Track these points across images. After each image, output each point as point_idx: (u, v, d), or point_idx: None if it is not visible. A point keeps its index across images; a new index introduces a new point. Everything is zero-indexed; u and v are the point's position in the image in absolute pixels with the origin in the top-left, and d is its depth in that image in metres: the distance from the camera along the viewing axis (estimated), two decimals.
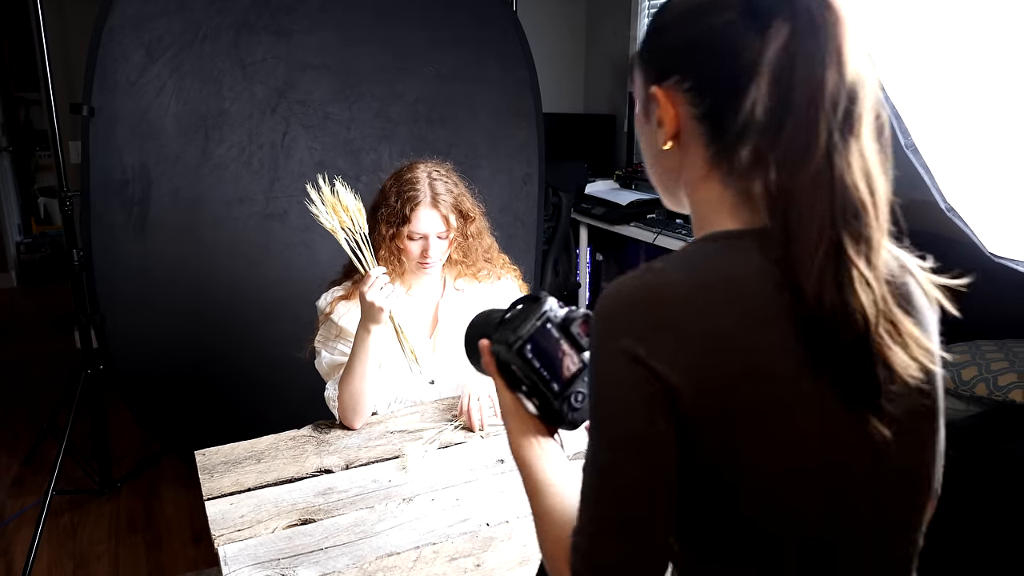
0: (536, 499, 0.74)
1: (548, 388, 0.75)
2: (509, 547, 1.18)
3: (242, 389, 2.46)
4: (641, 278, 0.62)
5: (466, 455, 1.47)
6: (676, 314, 0.60)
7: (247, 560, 1.14)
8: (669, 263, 0.63)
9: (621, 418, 0.60)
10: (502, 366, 0.77)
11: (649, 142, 0.72)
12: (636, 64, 0.72)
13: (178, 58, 2.25)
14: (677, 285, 0.61)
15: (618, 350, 0.60)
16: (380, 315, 1.47)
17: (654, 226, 3.54)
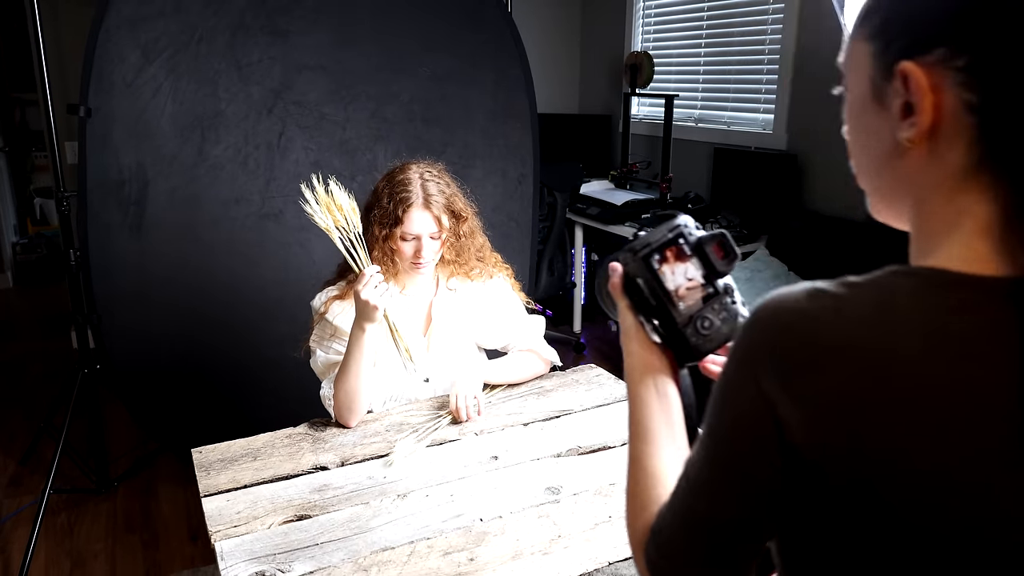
0: (637, 443, 0.70)
1: (673, 305, 0.70)
2: (502, 541, 1.20)
3: (239, 389, 2.47)
4: (812, 301, 0.51)
5: (460, 452, 1.48)
6: (838, 371, 0.49)
7: (243, 555, 1.15)
8: (857, 292, 0.51)
9: (730, 444, 0.55)
10: (628, 282, 0.72)
11: (876, 136, 0.56)
12: (860, 31, 0.57)
13: (174, 59, 2.27)
14: (858, 333, 0.49)
15: (751, 377, 0.53)
16: (375, 313, 1.49)
17: (648, 225, 3.56)
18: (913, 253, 0.57)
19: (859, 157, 0.60)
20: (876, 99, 0.55)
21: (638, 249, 0.71)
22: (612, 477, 1.39)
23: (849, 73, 0.59)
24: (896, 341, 0.48)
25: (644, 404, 0.70)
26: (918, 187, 0.55)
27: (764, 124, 3.51)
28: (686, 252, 0.70)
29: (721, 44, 3.72)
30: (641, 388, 0.71)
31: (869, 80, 0.55)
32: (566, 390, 1.77)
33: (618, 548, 1.19)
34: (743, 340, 0.54)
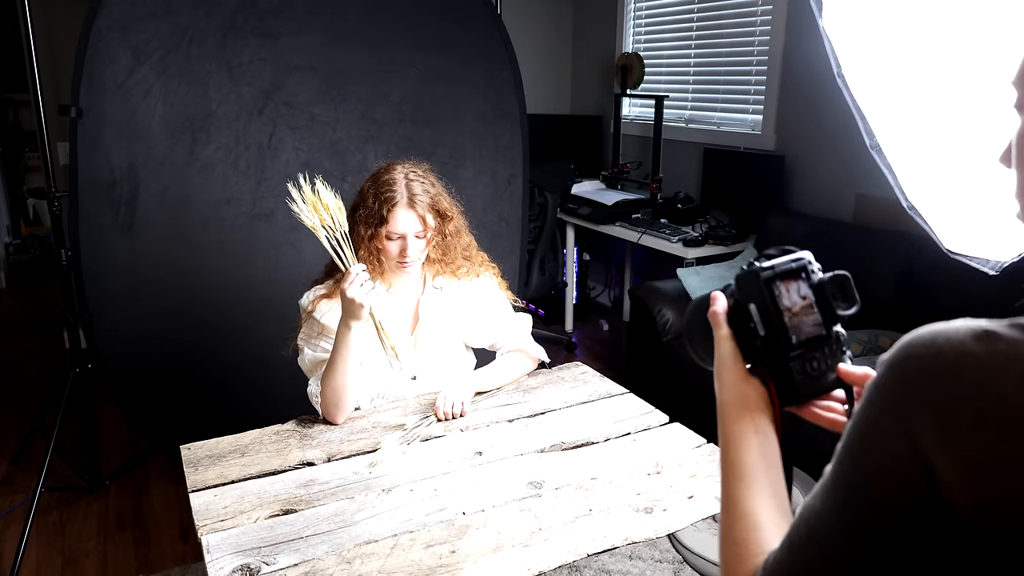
0: (734, 484, 0.64)
1: (787, 338, 0.65)
2: (484, 534, 1.22)
3: (229, 387, 2.49)
4: (983, 345, 0.45)
5: (446, 448, 1.50)
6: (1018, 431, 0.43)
7: (229, 549, 1.17)
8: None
9: (870, 501, 0.49)
10: (736, 308, 0.69)
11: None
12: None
13: (165, 60, 2.29)
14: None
15: (903, 429, 0.47)
16: (361, 311, 1.51)
17: (639, 226, 3.59)
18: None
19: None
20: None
21: (761, 271, 0.66)
22: (594, 472, 1.42)
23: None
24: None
25: (742, 441, 0.65)
26: None
27: (753, 125, 3.54)
28: (808, 288, 0.67)
29: (711, 46, 3.75)
30: (738, 424, 0.65)
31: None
32: (552, 387, 1.79)
33: (597, 540, 1.21)
34: (892, 382, 0.48)
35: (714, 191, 3.64)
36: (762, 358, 0.67)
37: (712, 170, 3.64)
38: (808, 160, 3.22)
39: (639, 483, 1.38)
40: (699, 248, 3.32)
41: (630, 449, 1.51)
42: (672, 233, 3.44)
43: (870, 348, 2.52)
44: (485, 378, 1.74)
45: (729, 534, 0.62)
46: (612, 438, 1.56)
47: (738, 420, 0.66)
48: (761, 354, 0.67)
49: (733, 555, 0.60)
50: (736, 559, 0.60)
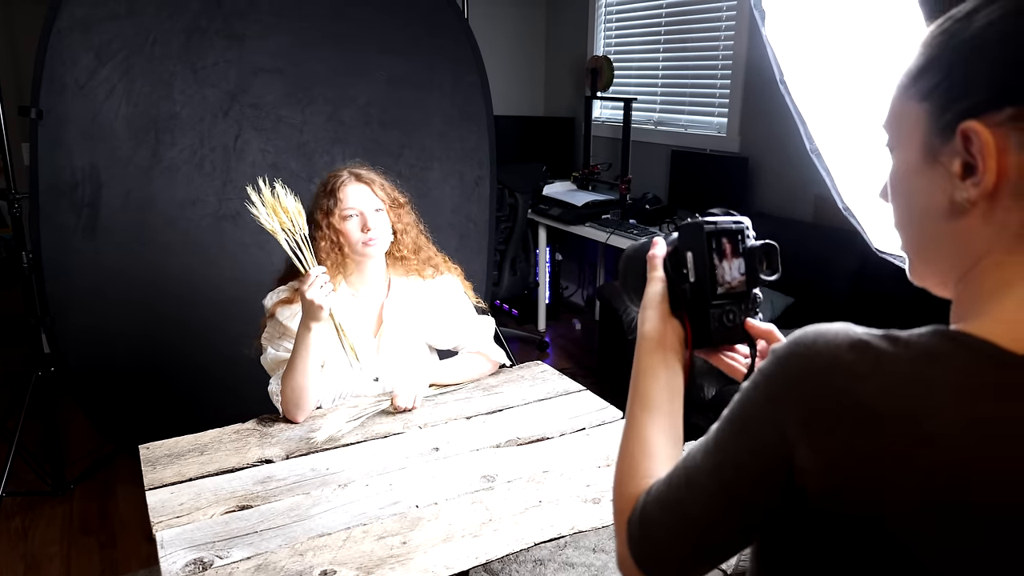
0: (636, 410, 0.70)
1: (712, 288, 0.72)
2: (435, 526, 1.25)
3: (197, 387, 2.49)
4: (854, 353, 0.51)
5: (403, 444, 1.53)
6: (868, 434, 0.49)
7: (183, 544, 1.19)
8: (900, 353, 0.50)
9: (737, 470, 0.56)
10: (673, 254, 0.75)
11: (926, 196, 0.56)
12: (910, 91, 0.56)
13: (128, 61, 2.29)
14: (895, 401, 0.49)
15: (776, 416, 0.53)
16: (320, 313, 1.53)
17: (608, 226, 3.64)
18: (956, 314, 0.56)
19: (905, 219, 0.59)
20: (929, 160, 0.54)
21: (703, 223, 0.72)
22: (547, 465, 1.45)
23: (897, 135, 0.58)
24: (934, 417, 0.48)
25: (650, 373, 0.71)
26: (970, 249, 0.54)
27: (719, 127, 3.61)
28: (739, 249, 0.73)
29: (678, 50, 3.80)
30: (651, 357, 0.72)
31: (922, 141, 0.55)
32: (511, 385, 1.82)
33: (544, 530, 1.24)
34: (775, 373, 0.54)
35: (681, 192, 3.70)
36: (686, 302, 0.73)
37: (679, 171, 3.70)
38: (770, 162, 3.29)
39: (589, 475, 1.42)
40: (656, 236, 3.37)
41: (583, 443, 1.55)
42: (640, 233, 3.49)
43: None
44: (441, 372, 1.77)
45: (626, 456, 0.69)
46: (567, 433, 1.59)
47: (652, 354, 0.72)
48: (686, 299, 0.73)
49: (626, 474, 0.68)
50: (628, 478, 0.67)
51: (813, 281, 2.70)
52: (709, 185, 3.51)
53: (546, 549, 2.30)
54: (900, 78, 0.57)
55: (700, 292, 0.73)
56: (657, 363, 0.72)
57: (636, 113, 4.00)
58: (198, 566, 1.13)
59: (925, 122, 0.55)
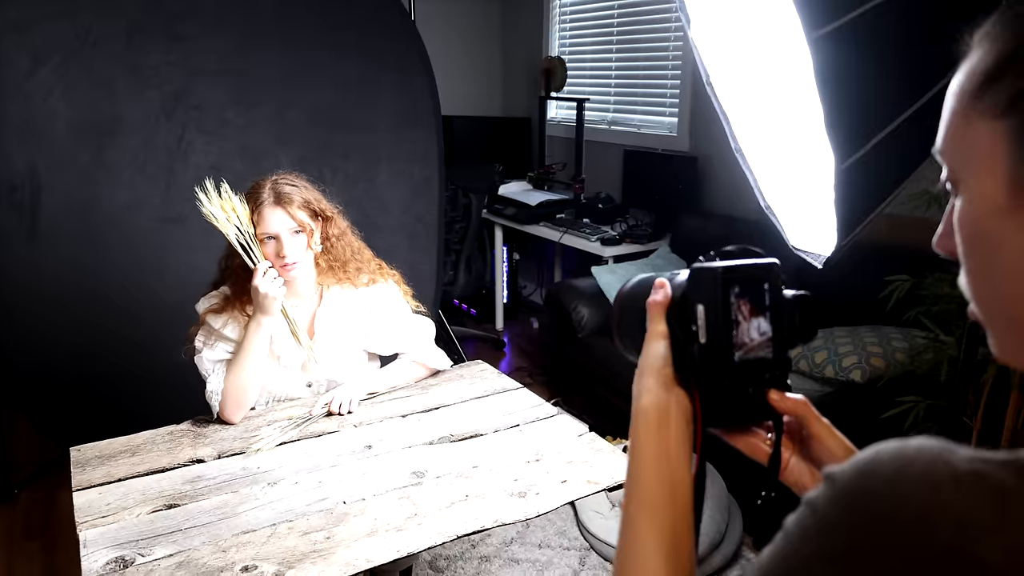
0: (632, 512, 0.56)
1: (729, 352, 0.57)
2: (361, 521, 1.27)
3: (141, 392, 2.48)
4: (961, 487, 0.35)
5: (336, 442, 1.55)
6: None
7: (106, 543, 1.20)
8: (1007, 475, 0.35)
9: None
10: (681, 304, 0.59)
11: (1019, 250, 0.41)
12: (977, 104, 0.41)
13: (67, 63, 2.28)
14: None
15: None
16: (272, 305, 1.56)
17: (561, 225, 3.69)
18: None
19: (986, 279, 0.44)
20: (1019, 198, 0.40)
21: (720, 270, 0.57)
22: (477, 461, 1.49)
23: (960, 165, 0.43)
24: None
25: (650, 464, 0.57)
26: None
27: (670, 127, 3.67)
28: (765, 302, 0.57)
29: (630, 51, 3.86)
30: (650, 442, 0.57)
31: (1006, 172, 0.40)
32: (449, 384, 1.86)
33: (468, 523, 1.28)
34: (836, 520, 0.37)
35: (634, 191, 3.76)
36: (695, 369, 0.58)
37: (632, 171, 3.76)
38: (718, 161, 3.36)
39: (518, 470, 1.45)
40: (616, 247, 3.43)
41: (515, 439, 1.58)
42: (592, 232, 3.54)
43: None
44: (377, 380, 1.79)
45: (624, 569, 0.55)
46: (501, 430, 1.63)
47: (652, 438, 0.57)
48: (695, 364, 0.58)
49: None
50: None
51: None
52: (661, 184, 3.57)
53: (492, 546, 2.34)
54: (958, 84, 0.43)
55: (713, 357, 0.57)
56: (658, 450, 0.57)
57: (591, 113, 4.06)
58: (119, 564, 1.14)
59: (1007, 146, 0.40)
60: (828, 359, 2.23)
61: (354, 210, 2.61)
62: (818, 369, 2.24)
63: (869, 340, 2.27)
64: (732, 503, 2.32)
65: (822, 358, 2.24)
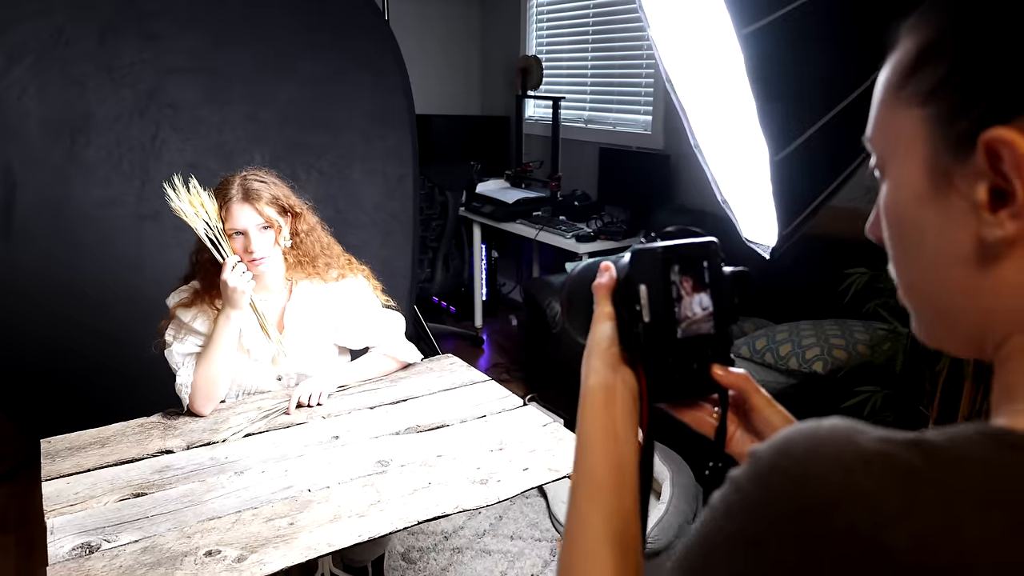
0: (578, 495, 0.56)
1: (670, 330, 0.58)
2: (324, 508, 1.31)
3: (116, 387, 2.49)
4: (877, 478, 0.34)
5: (304, 433, 1.59)
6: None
7: (73, 529, 1.23)
8: (940, 472, 0.34)
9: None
10: (625, 285, 0.60)
11: (941, 237, 0.41)
12: (902, 92, 0.42)
13: (40, 62, 2.29)
14: (951, 549, 0.32)
15: (753, 556, 0.36)
16: (241, 299, 1.59)
17: (537, 223, 3.73)
18: (1002, 394, 0.41)
19: (910, 264, 0.45)
20: (939, 185, 0.40)
21: (660, 250, 0.58)
22: (441, 450, 1.52)
23: (886, 153, 0.44)
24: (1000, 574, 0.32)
25: (596, 444, 0.57)
26: (1012, 305, 0.40)
27: (644, 125, 3.72)
28: (705, 279, 0.59)
29: (605, 50, 3.91)
30: (596, 421, 0.58)
31: (925, 160, 0.41)
32: (418, 377, 1.89)
33: (429, 509, 1.32)
34: (755, 498, 0.38)
35: (610, 189, 3.81)
36: (640, 347, 0.59)
37: (608, 168, 3.81)
38: (690, 158, 3.41)
39: (481, 459, 1.49)
40: (591, 243, 3.48)
41: (480, 429, 1.62)
42: (568, 229, 3.59)
43: (735, 334, 2.71)
44: (348, 373, 1.82)
45: (568, 560, 0.55)
46: (468, 420, 1.67)
47: (598, 416, 0.58)
48: (640, 342, 0.59)
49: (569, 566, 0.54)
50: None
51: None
52: (635, 181, 3.62)
53: (464, 538, 2.38)
54: (885, 75, 0.44)
55: (657, 335, 0.58)
56: (605, 427, 0.57)
57: (567, 112, 4.10)
58: (84, 550, 1.17)
59: (928, 133, 0.41)
60: (792, 351, 2.29)
61: (328, 207, 2.65)
62: (783, 361, 2.30)
63: (832, 333, 2.32)
64: (700, 493, 2.38)
65: (786, 351, 2.30)
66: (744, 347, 2.46)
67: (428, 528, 2.39)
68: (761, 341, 2.42)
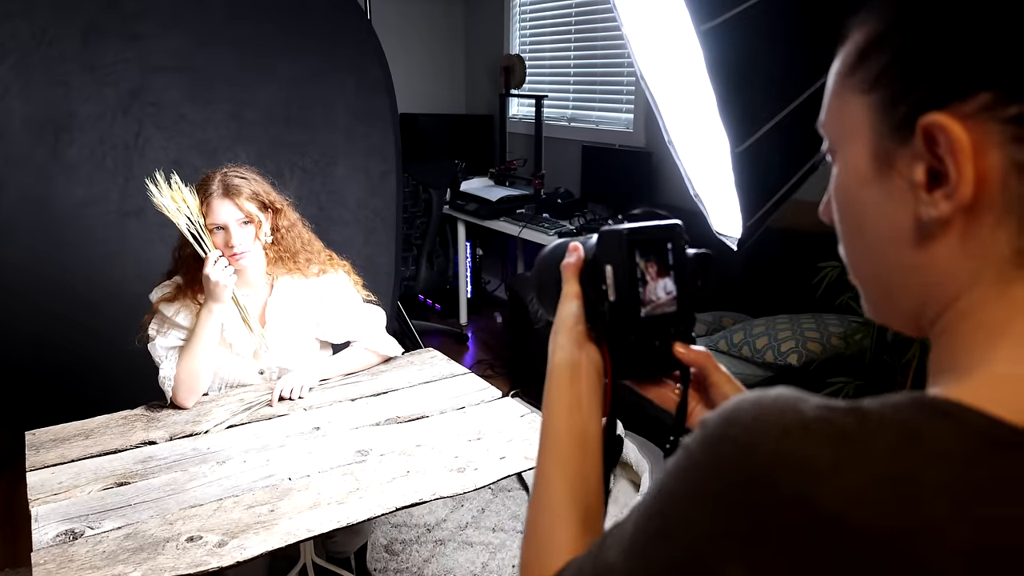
0: (545, 462, 0.59)
1: (634, 309, 0.60)
2: (304, 495, 1.34)
3: (101, 383, 2.51)
4: (813, 439, 0.37)
5: (286, 425, 1.62)
6: (830, 554, 0.35)
7: (57, 517, 1.26)
8: (872, 437, 0.36)
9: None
10: (591, 265, 0.62)
11: (883, 216, 0.44)
12: (850, 79, 0.45)
13: (23, 62, 2.31)
14: (869, 509, 0.35)
15: (706, 523, 0.39)
16: (223, 292, 1.62)
17: (521, 220, 3.76)
18: (936, 366, 0.44)
19: (856, 243, 0.47)
20: (881, 167, 0.43)
21: (624, 231, 0.60)
22: (420, 440, 1.56)
23: (836, 138, 0.47)
24: (925, 534, 0.34)
25: (561, 415, 0.60)
26: (947, 282, 0.42)
27: (626, 124, 3.77)
28: (669, 261, 0.61)
29: (588, 48, 3.96)
30: (561, 395, 0.60)
31: (870, 144, 0.44)
32: (399, 371, 1.92)
33: (407, 496, 1.35)
34: (703, 461, 0.40)
35: (592, 186, 3.85)
36: (605, 325, 0.62)
37: (590, 166, 3.85)
38: (671, 156, 3.46)
39: (459, 448, 1.53)
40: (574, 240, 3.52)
41: (459, 420, 1.66)
42: (551, 226, 3.63)
43: (714, 328, 2.76)
44: (329, 367, 1.85)
45: (534, 524, 0.57)
46: (447, 411, 1.70)
47: (564, 391, 0.61)
48: (605, 321, 0.61)
49: (534, 549, 0.56)
50: (536, 555, 0.56)
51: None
52: (618, 179, 3.66)
53: (446, 530, 2.41)
54: (835, 65, 0.46)
55: (622, 313, 0.60)
56: (570, 402, 0.60)
57: (550, 110, 4.14)
58: (68, 536, 1.20)
59: (872, 119, 0.43)
60: (768, 344, 2.34)
61: (312, 205, 2.68)
62: (759, 354, 2.35)
63: (808, 326, 2.38)
64: None
65: (763, 344, 2.35)
66: (722, 340, 2.51)
67: (411, 521, 2.42)
68: (739, 335, 2.47)
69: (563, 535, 0.55)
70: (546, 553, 0.55)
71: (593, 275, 0.62)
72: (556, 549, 0.54)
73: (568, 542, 0.55)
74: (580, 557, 0.50)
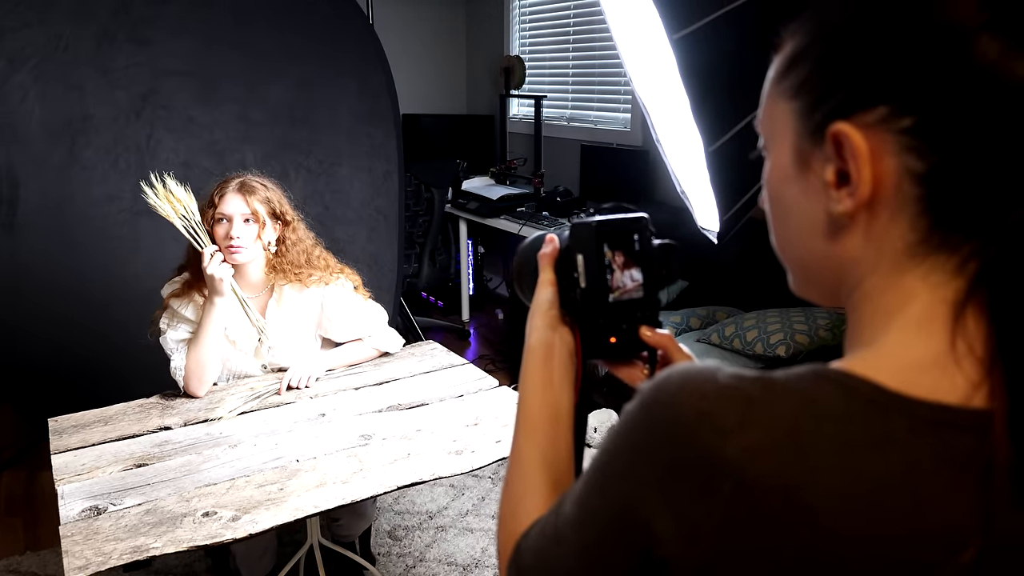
0: (519, 435, 0.65)
1: (603, 295, 0.65)
2: (311, 475, 1.43)
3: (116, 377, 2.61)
4: (724, 403, 0.43)
5: (294, 411, 1.71)
6: (733, 501, 0.42)
7: (81, 495, 1.35)
8: (774, 401, 0.43)
9: (597, 529, 0.49)
10: (565, 254, 0.68)
11: (801, 209, 0.50)
12: (778, 87, 0.50)
13: (40, 67, 2.40)
14: (764, 463, 0.41)
15: (635, 474, 0.46)
16: (222, 286, 1.70)
17: (521, 218, 3.85)
18: (847, 342, 0.50)
19: (781, 231, 0.53)
20: (801, 167, 0.49)
21: (595, 224, 0.65)
22: (420, 425, 1.65)
23: (768, 137, 0.53)
24: (812, 484, 0.41)
25: (535, 392, 0.66)
26: (854, 267, 0.48)
27: (624, 123, 3.85)
28: (636, 250, 0.66)
29: (587, 49, 4.04)
30: (535, 373, 0.66)
31: (792, 145, 0.49)
32: (401, 361, 2.01)
33: (408, 476, 1.44)
34: (638, 421, 0.47)
35: (591, 184, 3.93)
36: (577, 310, 0.67)
37: (589, 165, 3.93)
38: None
39: (457, 432, 1.62)
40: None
41: (458, 407, 1.75)
42: (550, 224, 3.71)
43: (708, 322, 2.84)
44: (334, 358, 1.93)
45: (508, 490, 0.63)
46: (446, 399, 1.79)
47: (537, 369, 0.66)
48: (576, 305, 0.67)
49: (508, 512, 0.62)
50: (510, 516, 0.61)
51: (704, 264, 2.96)
52: (616, 178, 3.75)
53: (448, 517, 2.50)
54: (770, 71, 0.51)
55: (592, 299, 0.66)
56: (543, 379, 0.66)
57: (550, 110, 4.23)
58: (93, 512, 1.29)
59: (795, 123, 0.49)
60: (758, 337, 2.42)
61: (316, 204, 2.77)
62: (749, 347, 2.43)
63: (796, 319, 2.46)
64: None
65: (753, 336, 2.43)
66: (714, 334, 2.59)
67: (413, 508, 2.51)
68: (730, 328, 2.55)
69: (534, 498, 0.61)
70: (520, 512, 0.61)
71: (566, 264, 0.68)
72: (528, 510, 0.60)
73: (538, 505, 0.60)
74: (544, 515, 0.57)
